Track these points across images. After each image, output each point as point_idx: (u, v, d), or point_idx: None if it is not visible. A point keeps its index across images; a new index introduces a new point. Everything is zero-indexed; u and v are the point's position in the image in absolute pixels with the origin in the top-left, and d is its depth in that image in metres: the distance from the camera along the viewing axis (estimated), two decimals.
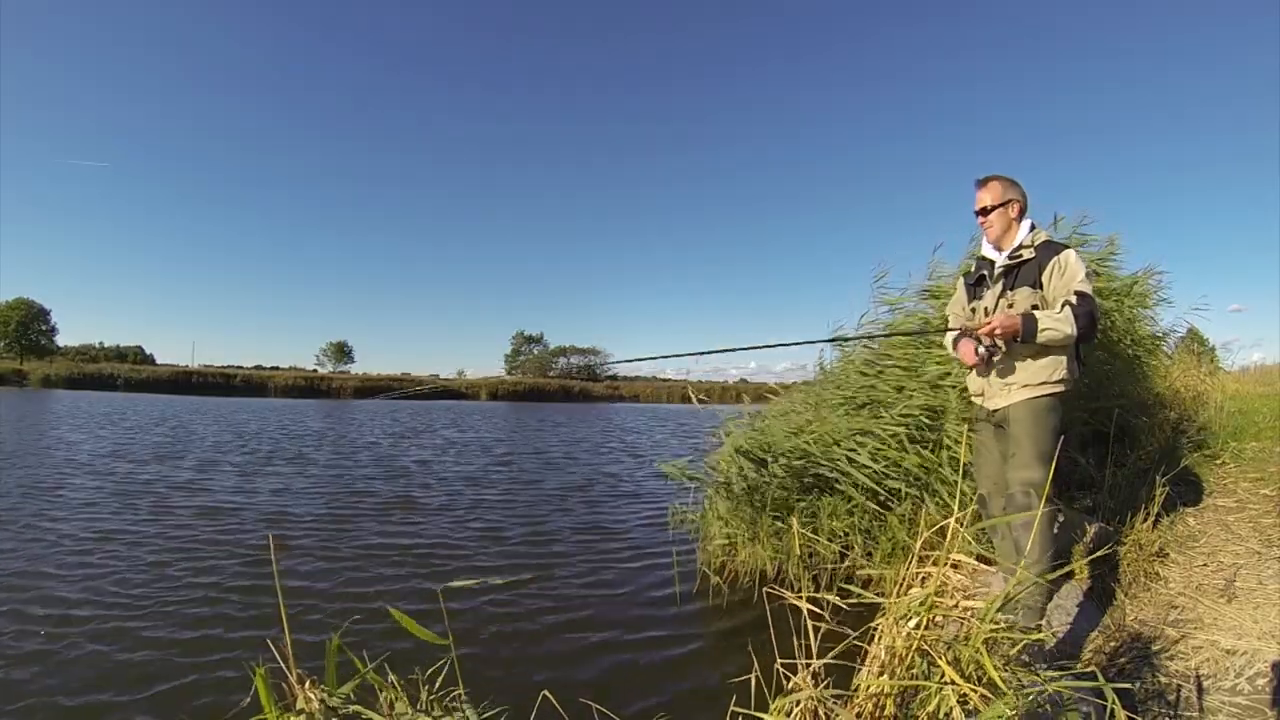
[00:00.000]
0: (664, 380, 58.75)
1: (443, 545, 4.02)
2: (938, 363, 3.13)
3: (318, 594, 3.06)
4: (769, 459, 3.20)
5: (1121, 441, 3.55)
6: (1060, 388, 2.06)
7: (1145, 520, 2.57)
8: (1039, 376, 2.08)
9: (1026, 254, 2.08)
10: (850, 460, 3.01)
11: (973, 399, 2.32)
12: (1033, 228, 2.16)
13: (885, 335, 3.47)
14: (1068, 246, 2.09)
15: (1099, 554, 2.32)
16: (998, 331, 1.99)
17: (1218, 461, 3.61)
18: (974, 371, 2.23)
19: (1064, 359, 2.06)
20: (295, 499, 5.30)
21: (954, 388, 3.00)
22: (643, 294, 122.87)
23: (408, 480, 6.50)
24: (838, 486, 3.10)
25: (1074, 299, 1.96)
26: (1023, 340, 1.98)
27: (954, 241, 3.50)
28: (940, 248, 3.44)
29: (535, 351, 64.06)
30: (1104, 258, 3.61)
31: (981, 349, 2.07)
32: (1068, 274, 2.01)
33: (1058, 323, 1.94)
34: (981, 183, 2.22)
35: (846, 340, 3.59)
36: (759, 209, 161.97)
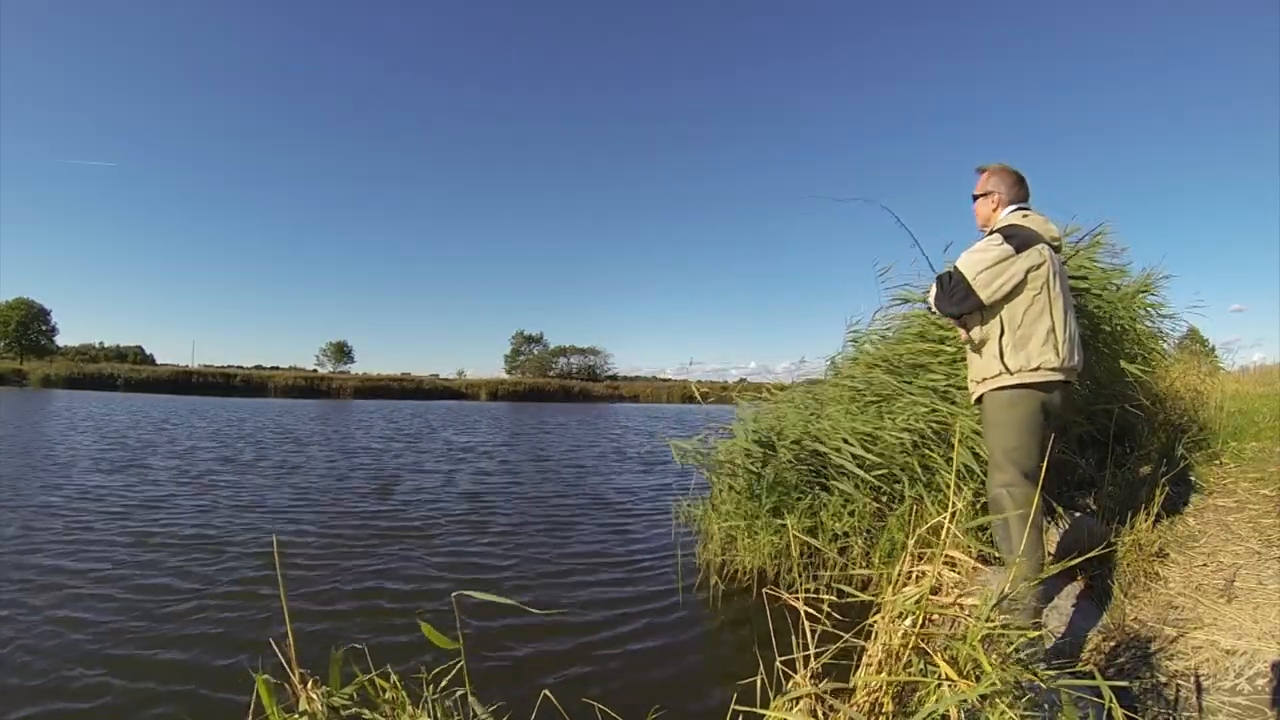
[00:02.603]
0: (664, 380, 58.88)
1: (442, 548, 4.02)
2: (942, 362, 3.14)
3: (316, 601, 3.06)
4: (777, 442, 3.23)
5: (1121, 442, 3.55)
6: (1005, 380, 2.04)
7: (1145, 520, 2.57)
8: (982, 372, 2.12)
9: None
10: (851, 450, 3.04)
11: None
12: (1026, 215, 2.17)
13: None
14: (998, 234, 2.09)
15: (1098, 554, 2.32)
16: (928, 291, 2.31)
17: (1218, 461, 3.61)
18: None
19: (994, 351, 2.06)
20: (289, 504, 5.30)
21: (961, 389, 3.01)
22: (643, 294, 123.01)
23: (406, 481, 6.50)
24: (835, 484, 3.11)
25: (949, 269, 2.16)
26: (931, 301, 2.23)
27: (962, 241, 3.44)
28: (950, 247, 3.41)
29: (535, 351, 64.09)
30: (1109, 263, 3.59)
31: (929, 305, 2.35)
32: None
33: (929, 289, 2.23)
34: (979, 170, 2.35)
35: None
36: (759, 209, 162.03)
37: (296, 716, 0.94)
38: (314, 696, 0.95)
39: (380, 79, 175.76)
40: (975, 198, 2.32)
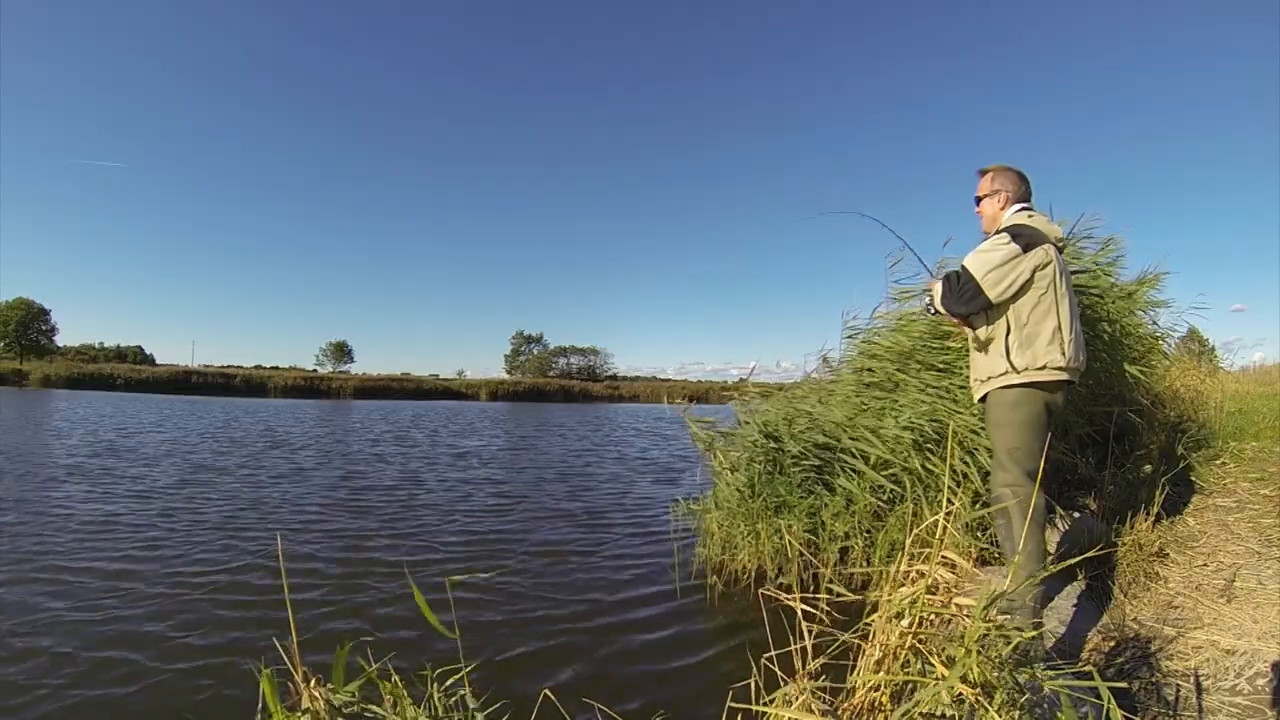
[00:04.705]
0: (664, 380, 58.91)
1: (441, 550, 4.03)
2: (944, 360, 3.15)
3: (316, 608, 3.07)
4: (785, 434, 3.24)
5: (1121, 442, 3.55)
6: (1011, 378, 2.04)
7: (1145, 520, 2.57)
8: (987, 370, 2.12)
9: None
10: (858, 446, 3.05)
11: None
12: (1030, 214, 2.18)
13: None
14: (1004, 233, 2.09)
15: (1098, 554, 2.33)
16: (931, 292, 2.28)
17: (1218, 461, 3.60)
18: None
19: (1000, 350, 2.06)
20: (290, 510, 5.31)
21: (962, 387, 3.02)
22: (643, 294, 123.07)
23: (404, 484, 6.51)
24: (839, 481, 3.12)
25: (956, 269, 2.15)
26: (937, 302, 2.20)
27: (962, 236, 3.44)
28: (950, 243, 3.39)
29: (535, 351, 64.13)
30: (1107, 262, 3.59)
31: (928, 305, 2.34)
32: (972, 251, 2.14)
33: (935, 288, 2.21)
34: (981, 173, 2.34)
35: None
36: (760, 209, 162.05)
37: (299, 715, 0.94)
38: (317, 695, 0.95)
39: (380, 79, 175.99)
40: (979, 199, 2.32)
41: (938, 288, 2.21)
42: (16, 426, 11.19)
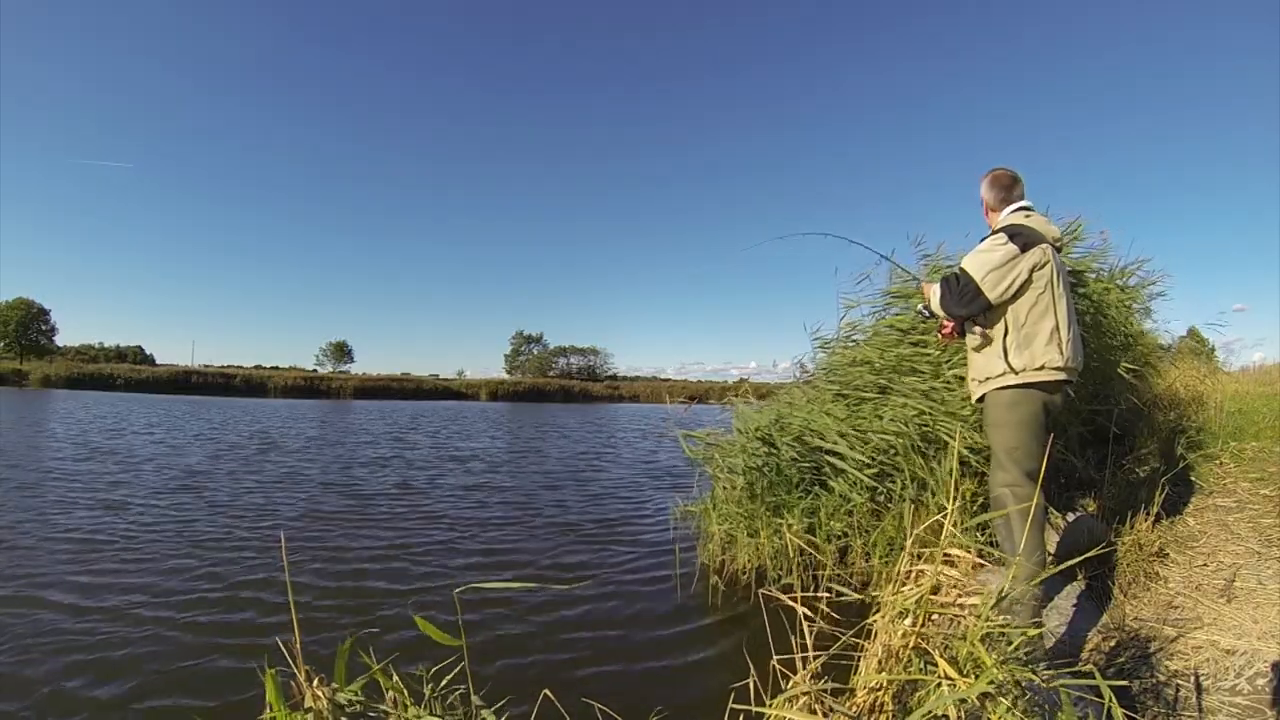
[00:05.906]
0: (664, 380, 58.93)
1: (443, 552, 4.03)
2: (930, 363, 3.15)
3: (320, 602, 3.07)
4: (778, 438, 3.25)
5: (1121, 442, 3.55)
6: (1009, 379, 2.04)
7: (1145, 520, 2.57)
8: (984, 372, 2.13)
9: None
10: (849, 439, 3.06)
11: None
12: (1028, 214, 2.19)
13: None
14: (1001, 233, 2.10)
15: (1098, 554, 2.33)
16: (925, 296, 2.30)
17: (1218, 461, 3.60)
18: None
19: (998, 351, 2.07)
20: (287, 509, 5.31)
21: (948, 388, 3.02)
22: (643, 294, 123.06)
23: (404, 486, 6.51)
24: (833, 483, 3.12)
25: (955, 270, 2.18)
26: (935, 304, 2.23)
27: (902, 255, 3.51)
28: (893, 253, 3.44)
29: (535, 351, 64.11)
30: (1082, 254, 3.59)
31: (922, 309, 2.37)
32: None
33: (933, 291, 2.23)
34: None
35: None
36: (760, 208, 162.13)
37: (302, 714, 0.94)
38: (319, 694, 0.95)
39: (380, 79, 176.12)
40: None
41: (935, 290, 2.21)
42: (11, 427, 11.18)
